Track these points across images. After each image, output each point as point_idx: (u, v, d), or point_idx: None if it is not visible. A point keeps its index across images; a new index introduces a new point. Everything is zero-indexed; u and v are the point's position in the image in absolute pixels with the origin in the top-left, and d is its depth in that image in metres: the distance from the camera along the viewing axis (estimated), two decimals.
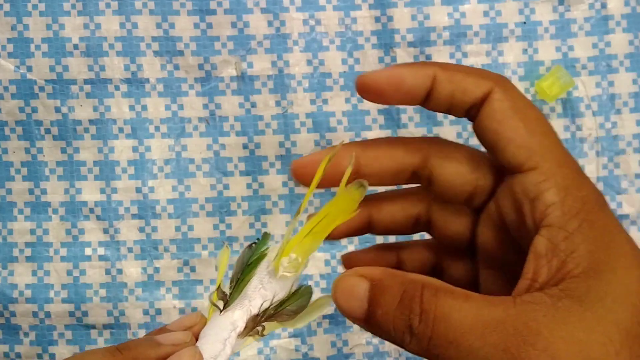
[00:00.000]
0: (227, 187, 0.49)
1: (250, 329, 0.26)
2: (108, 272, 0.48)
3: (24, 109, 0.48)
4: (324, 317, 0.48)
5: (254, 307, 0.26)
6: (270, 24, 0.49)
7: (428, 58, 0.49)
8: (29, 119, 0.48)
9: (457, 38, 0.49)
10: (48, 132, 0.49)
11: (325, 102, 0.49)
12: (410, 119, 0.49)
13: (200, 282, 0.48)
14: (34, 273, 0.48)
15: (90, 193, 0.49)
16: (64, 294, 0.48)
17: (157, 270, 0.48)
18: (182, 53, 0.49)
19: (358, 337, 0.48)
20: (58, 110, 0.48)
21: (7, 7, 0.48)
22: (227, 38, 0.49)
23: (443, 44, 0.49)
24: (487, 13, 0.49)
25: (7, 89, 0.48)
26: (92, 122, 0.49)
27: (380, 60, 0.49)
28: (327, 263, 0.49)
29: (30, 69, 0.48)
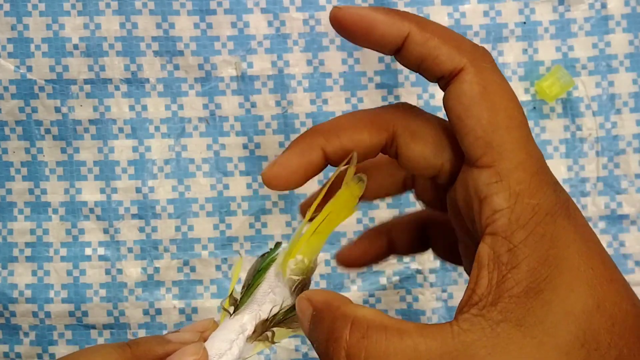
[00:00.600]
0: (227, 187, 0.49)
1: (260, 334, 0.26)
2: (108, 272, 0.48)
3: (24, 109, 0.48)
4: None
5: (264, 311, 0.26)
6: (270, 24, 0.49)
7: None
8: (29, 119, 0.48)
9: None
10: (48, 132, 0.49)
11: (325, 102, 0.49)
12: None
13: (200, 282, 0.48)
14: (34, 273, 0.48)
15: (90, 193, 0.49)
16: (64, 294, 0.48)
17: (157, 270, 0.48)
18: (182, 53, 0.49)
19: None
20: (58, 110, 0.48)
21: (7, 7, 0.48)
22: (227, 38, 0.49)
23: None
24: (487, 13, 0.49)
25: (7, 89, 0.48)
26: (92, 122, 0.49)
27: (380, 60, 0.49)
28: (327, 263, 0.49)
29: (30, 69, 0.48)
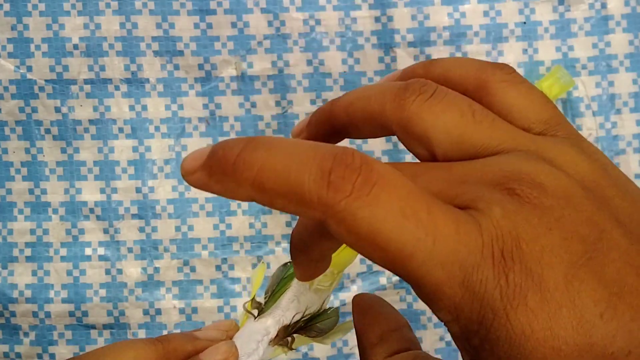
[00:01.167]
0: None
1: (281, 339, 0.27)
2: (108, 272, 0.48)
3: (24, 109, 0.48)
4: None
5: (287, 318, 0.28)
6: (270, 24, 0.49)
7: (428, 58, 0.49)
8: (29, 119, 0.48)
9: (457, 38, 0.49)
10: (48, 132, 0.49)
11: (325, 102, 0.49)
12: None
13: (200, 282, 0.48)
14: (34, 273, 0.48)
15: (90, 193, 0.49)
16: (64, 294, 0.48)
17: (157, 270, 0.48)
18: (182, 53, 0.49)
19: None
20: (58, 110, 0.48)
21: (7, 7, 0.48)
22: (227, 38, 0.49)
23: (443, 44, 0.49)
24: (487, 13, 0.49)
25: (7, 89, 0.48)
26: (92, 122, 0.49)
27: (380, 60, 0.49)
28: None
29: (30, 69, 0.48)
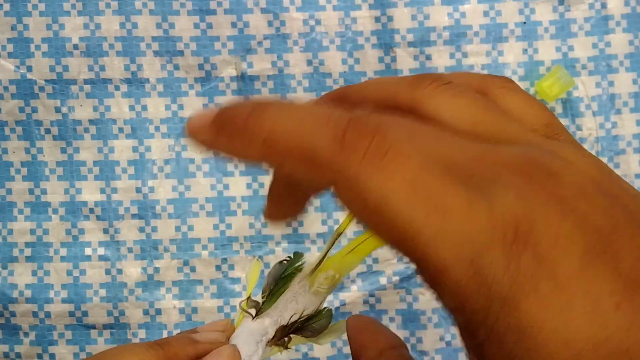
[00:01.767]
0: (227, 187, 0.49)
1: (278, 339, 0.27)
2: (108, 272, 0.48)
3: (24, 109, 0.48)
4: None
5: (284, 318, 0.28)
6: (270, 24, 0.49)
7: (428, 58, 0.49)
8: (29, 119, 0.48)
9: (457, 38, 0.49)
10: (48, 132, 0.49)
11: None
12: None
13: (200, 282, 0.48)
14: (34, 273, 0.48)
15: (90, 193, 0.49)
16: (64, 294, 0.48)
17: (157, 270, 0.48)
18: (182, 53, 0.49)
19: None
20: (58, 110, 0.48)
21: (7, 7, 0.48)
22: (227, 38, 0.49)
23: (443, 44, 0.49)
24: (487, 13, 0.49)
25: (7, 89, 0.48)
26: (92, 122, 0.49)
27: (380, 60, 0.49)
28: None
29: (30, 69, 0.48)
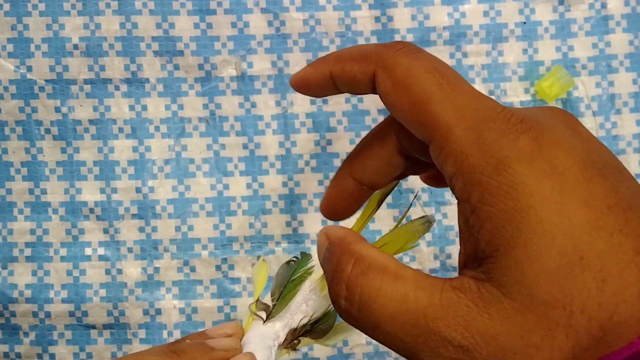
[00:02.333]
0: (227, 187, 0.49)
1: (289, 342, 0.28)
2: (108, 272, 0.48)
3: (24, 109, 0.48)
4: None
5: (294, 321, 0.28)
6: (270, 24, 0.49)
7: None
8: (29, 119, 0.48)
9: (457, 38, 0.49)
10: (48, 132, 0.49)
11: (325, 102, 0.49)
12: None
13: (200, 282, 0.48)
14: (34, 273, 0.48)
15: (90, 193, 0.49)
16: (64, 294, 0.48)
17: (157, 270, 0.48)
18: (182, 53, 0.49)
19: (358, 337, 0.48)
20: (58, 110, 0.48)
21: (7, 7, 0.48)
22: (227, 38, 0.49)
23: (443, 44, 0.49)
24: (487, 13, 0.49)
25: (7, 89, 0.48)
26: (92, 122, 0.49)
27: None
28: None
29: (30, 69, 0.48)
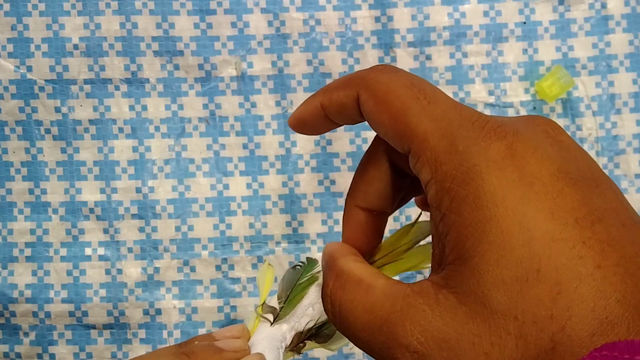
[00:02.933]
0: (227, 187, 0.49)
1: (294, 345, 0.28)
2: (108, 272, 0.48)
3: (24, 109, 0.48)
4: None
5: (301, 324, 0.29)
6: (270, 24, 0.49)
7: (428, 58, 0.49)
8: (29, 119, 0.48)
9: (457, 38, 0.49)
10: (48, 132, 0.49)
11: None
12: None
13: (200, 282, 0.48)
14: (34, 273, 0.48)
15: (90, 193, 0.49)
16: (64, 294, 0.48)
17: (157, 270, 0.48)
18: (182, 53, 0.49)
19: None
20: (58, 110, 0.48)
21: (7, 7, 0.48)
22: (227, 38, 0.49)
23: (443, 44, 0.49)
24: (487, 13, 0.49)
25: (7, 89, 0.48)
26: (92, 122, 0.49)
27: (380, 60, 0.49)
28: None
29: (30, 69, 0.48)
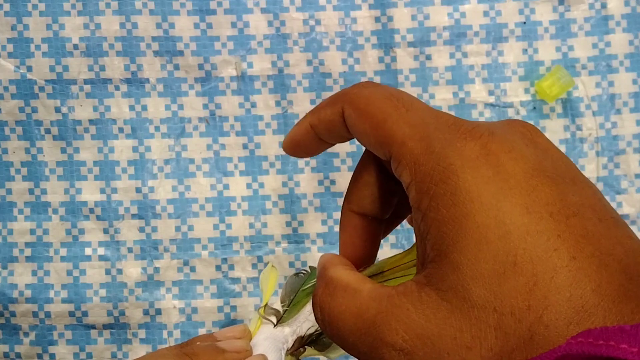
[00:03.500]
0: (227, 187, 0.49)
1: (295, 349, 0.29)
2: (108, 272, 0.48)
3: (24, 109, 0.48)
4: None
5: (302, 329, 0.29)
6: (270, 24, 0.49)
7: (428, 58, 0.49)
8: (29, 119, 0.48)
9: (457, 38, 0.49)
10: (48, 132, 0.49)
11: None
12: None
13: (200, 282, 0.48)
14: (34, 273, 0.48)
15: (90, 193, 0.49)
16: (64, 294, 0.48)
17: (157, 270, 0.48)
18: (182, 53, 0.49)
19: None
20: (58, 110, 0.48)
21: (7, 7, 0.48)
22: (227, 38, 0.49)
23: (443, 44, 0.49)
24: (487, 13, 0.49)
25: (7, 89, 0.48)
26: (92, 122, 0.49)
27: (380, 60, 0.49)
28: None
29: (30, 69, 0.48)
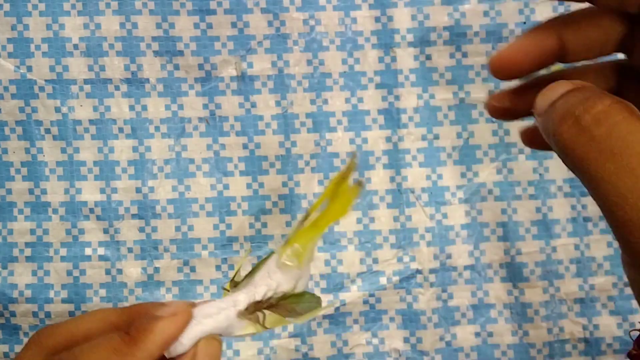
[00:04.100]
0: (227, 187, 0.49)
1: (251, 312, 0.28)
2: (108, 272, 0.48)
3: (24, 109, 0.48)
4: (324, 317, 0.48)
5: (259, 294, 0.28)
6: (270, 24, 0.49)
7: (428, 58, 0.49)
8: (29, 119, 0.48)
9: (457, 38, 0.49)
10: (48, 132, 0.49)
11: (325, 102, 0.49)
12: (410, 119, 0.49)
13: (200, 282, 0.48)
14: (34, 273, 0.48)
15: (90, 193, 0.49)
16: (64, 294, 0.48)
17: (157, 270, 0.48)
18: (182, 53, 0.49)
19: (358, 337, 0.48)
20: (58, 110, 0.48)
21: (7, 7, 0.48)
22: (227, 38, 0.49)
23: (443, 44, 0.49)
24: (487, 13, 0.49)
25: (7, 89, 0.48)
26: (92, 122, 0.49)
27: (380, 60, 0.49)
28: (327, 263, 0.49)
29: (30, 69, 0.48)
